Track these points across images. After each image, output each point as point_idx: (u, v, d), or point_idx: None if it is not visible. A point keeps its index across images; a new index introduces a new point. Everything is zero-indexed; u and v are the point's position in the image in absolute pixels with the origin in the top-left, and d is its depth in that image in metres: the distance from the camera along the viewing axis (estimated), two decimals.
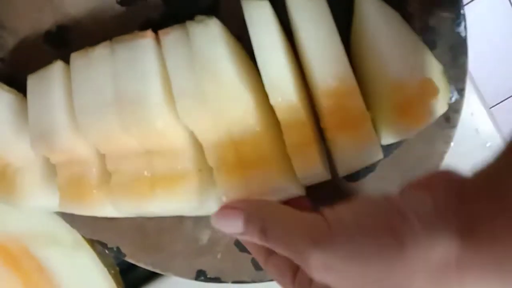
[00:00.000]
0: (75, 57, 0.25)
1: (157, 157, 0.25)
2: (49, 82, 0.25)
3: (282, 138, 0.24)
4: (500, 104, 0.96)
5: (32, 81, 0.26)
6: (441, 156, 0.29)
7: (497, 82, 0.94)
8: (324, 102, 0.23)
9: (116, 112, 0.23)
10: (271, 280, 0.33)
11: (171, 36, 0.24)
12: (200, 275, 0.33)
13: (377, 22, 0.23)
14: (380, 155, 0.24)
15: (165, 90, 0.24)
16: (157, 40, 0.25)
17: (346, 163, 0.24)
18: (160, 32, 0.25)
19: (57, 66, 0.25)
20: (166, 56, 0.24)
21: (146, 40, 0.24)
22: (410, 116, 0.23)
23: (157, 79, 0.23)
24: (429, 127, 0.27)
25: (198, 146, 0.25)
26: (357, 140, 0.23)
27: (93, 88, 0.24)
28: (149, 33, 0.24)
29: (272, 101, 0.23)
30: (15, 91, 0.27)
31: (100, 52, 0.24)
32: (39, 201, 0.27)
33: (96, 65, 0.24)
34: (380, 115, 0.24)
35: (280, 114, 0.23)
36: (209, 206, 0.26)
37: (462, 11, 0.26)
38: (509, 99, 0.96)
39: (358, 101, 0.23)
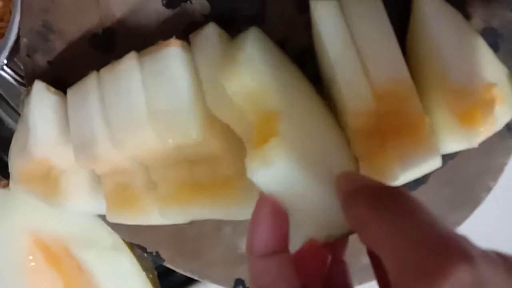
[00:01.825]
0: (104, 72, 0.25)
1: (199, 165, 0.24)
2: (86, 94, 0.25)
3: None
4: None
5: (71, 94, 0.26)
6: (500, 169, 0.27)
7: None
8: (380, 106, 0.21)
9: (150, 125, 0.23)
10: None
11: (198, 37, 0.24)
12: (238, 284, 0.32)
13: (437, 22, 0.21)
14: (439, 163, 0.23)
15: (198, 97, 0.23)
16: (184, 46, 0.24)
17: (400, 173, 0.22)
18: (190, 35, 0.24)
19: (92, 78, 0.25)
20: (194, 55, 0.23)
21: (171, 49, 0.23)
22: (474, 123, 0.21)
23: (189, 89, 0.23)
24: (488, 137, 0.25)
25: (238, 151, 0.24)
26: (414, 146, 0.21)
27: (125, 103, 0.24)
28: (173, 41, 0.24)
29: (351, 109, 0.21)
30: (61, 93, 0.27)
31: (127, 64, 0.24)
32: (82, 204, 0.27)
33: (124, 78, 0.24)
34: (440, 122, 0.22)
35: (352, 121, 0.22)
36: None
37: None
38: None
39: (415, 104, 0.21)
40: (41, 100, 0.26)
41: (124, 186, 0.25)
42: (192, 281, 0.40)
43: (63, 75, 0.28)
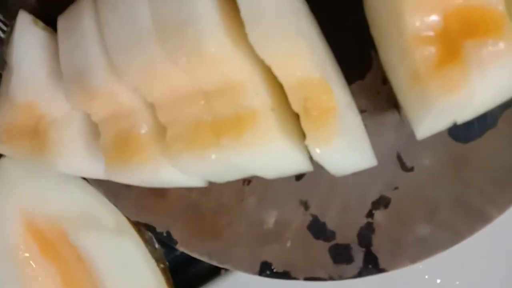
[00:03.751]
0: None
1: (217, 97, 0.19)
2: (79, 17, 0.21)
3: None
4: None
5: (62, 20, 0.22)
6: None
7: None
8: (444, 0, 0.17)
9: (158, 41, 0.19)
10: (354, 277, 0.26)
11: None
12: (265, 269, 0.27)
13: None
14: None
15: (218, 6, 0.19)
16: None
17: (479, 89, 0.17)
18: None
19: None
20: None
21: None
22: None
23: None
24: None
25: (267, 79, 0.19)
26: (493, 47, 0.16)
27: (126, 18, 0.19)
28: None
29: (412, 4, 0.17)
30: (51, 29, 0.23)
31: None
32: (76, 162, 0.23)
33: None
34: None
35: (411, 18, 0.17)
36: (287, 158, 0.20)
37: None
38: None
39: None
40: (27, 34, 0.22)
41: (126, 133, 0.21)
42: (207, 277, 0.35)
43: (54, 13, 0.24)
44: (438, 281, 0.32)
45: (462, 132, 0.23)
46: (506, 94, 0.19)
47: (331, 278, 0.27)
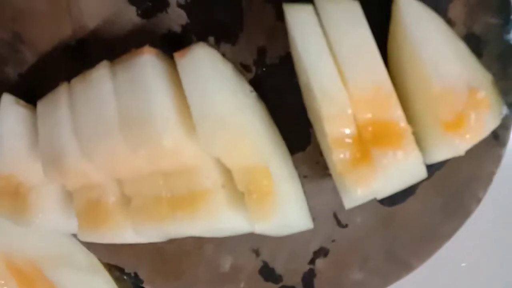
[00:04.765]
0: (75, 82, 0.24)
1: (174, 177, 0.23)
2: (56, 105, 0.24)
3: None
4: None
5: (41, 105, 0.25)
6: (489, 178, 0.26)
7: None
8: (359, 112, 0.20)
9: (121, 134, 0.22)
10: None
11: (187, 58, 0.23)
12: None
13: (418, 26, 0.21)
14: (423, 174, 0.22)
15: (174, 107, 0.22)
16: (159, 55, 0.24)
17: (384, 184, 0.21)
18: (176, 54, 0.24)
19: (63, 89, 0.25)
20: (182, 79, 0.23)
21: (144, 57, 0.23)
22: (459, 130, 0.20)
23: (162, 96, 0.22)
24: (475, 146, 0.24)
25: (218, 162, 0.23)
26: (396, 156, 0.20)
27: (95, 111, 0.23)
28: (147, 49, 0.23)
29: (328, 115, 0.21)
30: (31, 106, 0.26)
31: (99, 73, 0.24)
32: (53, 222, 0.26)
33: (96, 88, 0.23)
34: (424, 130, 0.21)
35: (330, 128, 0.21)
36: (236, 227, 0.24)
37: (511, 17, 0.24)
38: None
39: (396, 111, 0.21)
40: (10, 114, 0.24)
41: (96, 202, 0.24)
42: None
43: (35, 88, 0.27)
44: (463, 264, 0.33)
45: (386, 199, 0.27)
46: (405, 185, 0.23)
47: None
